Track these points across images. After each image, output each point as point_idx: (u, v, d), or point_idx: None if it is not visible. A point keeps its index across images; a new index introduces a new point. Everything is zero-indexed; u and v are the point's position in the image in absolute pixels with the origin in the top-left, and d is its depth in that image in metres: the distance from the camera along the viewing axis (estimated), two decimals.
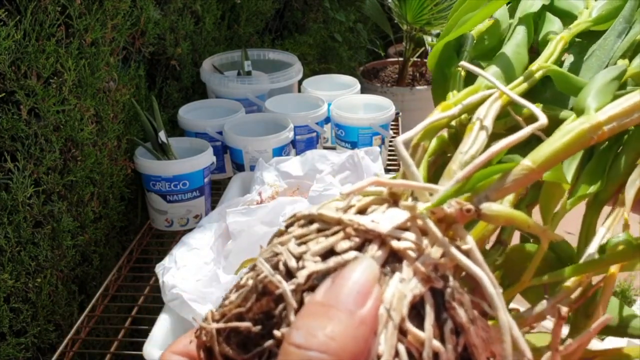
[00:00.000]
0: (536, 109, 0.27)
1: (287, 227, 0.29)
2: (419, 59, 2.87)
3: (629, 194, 0.30)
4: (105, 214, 1.22)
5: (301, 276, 0.25)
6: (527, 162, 0.26)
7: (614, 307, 0.32)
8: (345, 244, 0.26)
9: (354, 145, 1.40)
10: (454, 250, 0.25)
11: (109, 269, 1.16)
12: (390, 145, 1.49)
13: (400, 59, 2.88)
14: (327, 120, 1.46)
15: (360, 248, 0.26)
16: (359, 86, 1.59)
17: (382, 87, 2.70)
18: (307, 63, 2.10)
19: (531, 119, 0.28)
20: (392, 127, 1.50)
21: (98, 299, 1.07)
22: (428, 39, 2.61)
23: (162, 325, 0.89)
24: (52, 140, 1.02)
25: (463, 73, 0.36)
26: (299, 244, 0.27)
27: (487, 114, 0.29)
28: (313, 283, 0.25)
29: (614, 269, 0.29)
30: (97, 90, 1.13)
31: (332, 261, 0.26)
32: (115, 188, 1.23)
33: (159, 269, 0.96)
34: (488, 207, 0.26)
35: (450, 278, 0.25)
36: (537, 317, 0.29)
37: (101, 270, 1.20)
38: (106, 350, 0.98)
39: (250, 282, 0.27)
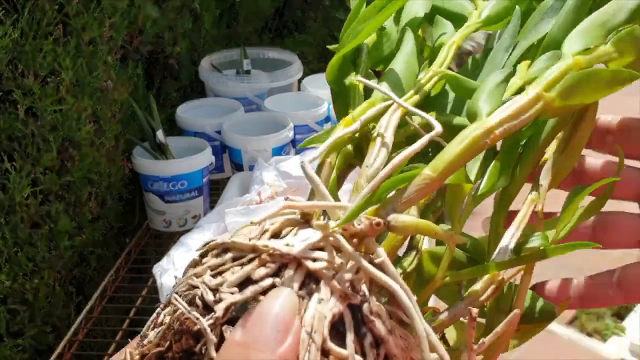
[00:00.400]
0: (430, 117, 0.29)
1: (202, 256, 0.29)
2: None
3: (544, 184, 0.32)
4: (103, 214, 1.21)
5: (219, 309, 0.25)
6: (428, 171, 0.28)
7: (527, 298, 0.33)
8: (262, 271, 0.26)
9: None
10: (366, 264, 0.26)
11: (107, 270, 1.16)
12: None
13: None
14: (327, 119, 1.45)
15: (277, 273, 0.26)
16: None
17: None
18: (307, 62, 2.09)
19: (429, 127, 0.29)
20: None
21: (96, 300, 1.07)
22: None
23: None
24: (50, 140, 1.01)
25: (361, 85, 0.36)
26: (215, 275, 0.27)
27: (388, 126, 0.31)
28: (232, 315, 0.25)
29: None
30: (95, 90, 1.12)
31: (250, 290, 0.25)
32: (113, 188, 1.22)
33: (156, 270, 0.95)
34: (395, 218, 0.27)
35: (366, 292, 0.26)
36: (452, 318, 0.30)
37: (99, 271, 1.20)
38: (104, 352, 0.98)
39: (168, 319, 0.26)
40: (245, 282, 0.26)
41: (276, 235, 0.28)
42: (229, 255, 0.27)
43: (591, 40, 0.30)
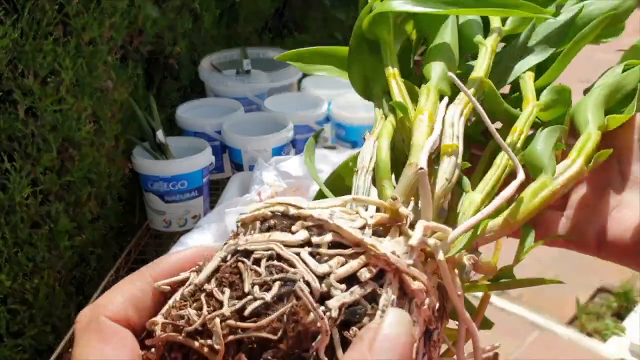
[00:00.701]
0: (516, 161, 0.31)
1: (284, 217, 0.27)
2: (420, 58, 2.86)
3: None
4: (103, 214, 1.21)
5: (334, 308, 0.24)
6: (505, 218, 0.31)
7: None
8: (367, 274, 0.25)
9: (354, 145, 1.39)
10: (456, 299, 0.27)
11: (107, 270, 1.16)
12: None
13: None
14: (327, 119, 1.45)
15: (377, 279, 0.25)
16: None
17: None
18: None
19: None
20: None
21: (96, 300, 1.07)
22: None
23: None
24: (50, 140, 1.01)
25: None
26: (315, 257, 0.25)
27: (457, 134, 0.33)
28: (344, 317, 0.24)
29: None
30: (95, 90, 1.12)
31: (357, 292, 0.25)
32: (112, 188, 1.22)
33: None
34: (482, 259, 0.30)
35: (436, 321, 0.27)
36: None
37: (99, 271, 1.20)
38: None
39: (273, 293, 0.24)
40: (350, 280, 0.25)
41: (375, 233, 0.27)
42: (326, 237, 0.26)
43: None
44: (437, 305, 0.27)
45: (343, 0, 2.50)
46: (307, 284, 0.24)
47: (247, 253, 0.26)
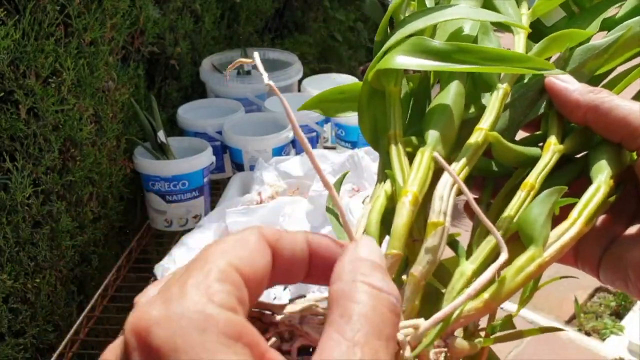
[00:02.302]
0: (502, 242, 0.29)
1: (258, 321, 0.28)
2: None
3: None
4: (104, 214, 1.21)
5: None
6: (487, 296, 0.30)
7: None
8: None
9: (354, 145, 1.39)
10: None
11: (108, 269, 1.16)
12: None
13: None
14: (327, 120, 1.45)
15: None
16: None
17: None
18: (307, 62, 2.10)
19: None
20: None
21: (97, 299, 1.07)
22: None
23: None
24: (51, 140, 1.02)
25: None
26: None
27: (446, 209, 0.31)
28: None
29: None
30: (96, 90, 1.13)
31: None
32: (114, 188, 1.23)
33: (158, 269, 0.95)
34: (459, 343, 0.29)
35: None
36: None
37: (100, 270, 1.20)
38: None
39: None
40: None
41: None
42: (295, 344, 0.27)
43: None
44: None
45: (343, 1, 2.50)
46: None
47: None
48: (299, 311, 0.28)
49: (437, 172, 0.33)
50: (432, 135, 0.35)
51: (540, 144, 0.36)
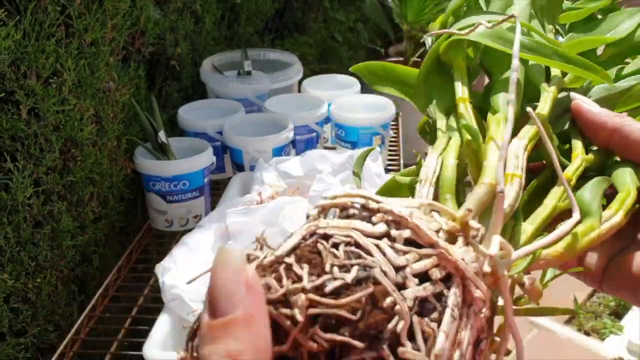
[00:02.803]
0: (575, 203, 0.33)
1: (364, 208, 0.28)
2: (419, 59, 2.86)
3: None
4: (105, 214, 1.22)
5: (409, 297, 0.25)
6: (560, 249, 0.33)
7: None
8: (437, 274, 0.26)
9: (354, 145, 1.40)
10: (511, 312, 0.29)
11: (109, 269, 1.16)
12: (390, 145, 1.49)
13: (401, 58, 2.87)
14: (327, 120, 1.46)
15: (446, 280, 0.27)
16: (359, 86, 1.59)
17: None
18: (307, 63, 2.10)
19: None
20: (392, 127, 1.50)
21: (98, 299, 1.07)
22: (428, 40, 2.61)
23: (162, 325, 0.89)
24: (52, 140, 1.02)
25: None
26: (394, 249, 0.27)
27: (522, 165, 0.35)
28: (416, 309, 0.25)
29: None
30: (97, 90, 1.13)
31: (429, 289, 0.26)
32: (115, 188, 1.23)
33: (158, 269, 0.96)
34: (537, 283, 0.32)
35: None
36: None
37: (101, 270, 1.20)
38: (106, 350, 0.98)
39: (352, 275, 0.25)
40: (423, 277, 0.26)
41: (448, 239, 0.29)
42: (404, 233, 0.27)
43: None
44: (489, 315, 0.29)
45: (343, 1, 2.50)
46: (384, 273, 0.25)
47: (327, 236, 0.27)
48: (406, 205, 0.29)
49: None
50: (504, 101, 0.38)
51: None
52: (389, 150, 1.48)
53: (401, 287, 0.25)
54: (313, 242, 0.27)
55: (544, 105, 0.39)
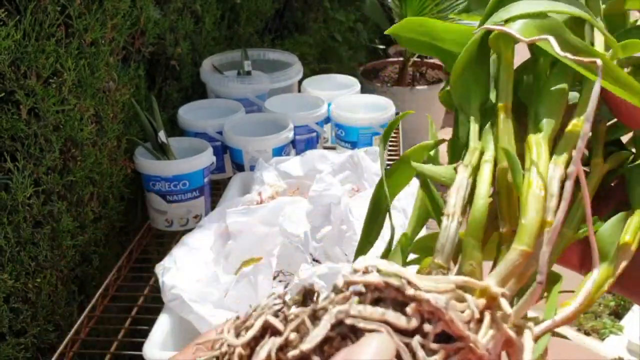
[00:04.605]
0: (597, 256, 0.30)
1: (398, 292, 0.27)
2: (419, 59, 2.87)
3: None
4: (105, 214, 1.22)
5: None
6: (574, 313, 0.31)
7: None
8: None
9: (354, 145, 1.40)
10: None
11: (109, 269, 1.16)
12: (390, 145, 1.49)
13: (401, 58, 2.88)
14: (327, 120, 1.46)
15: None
16: (359, 86, 1.59)
17: (382, 87, 2.69)
18: (307, 63, 2.10)
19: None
20: None
21: (98, 299, 1.07)
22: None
23: (162, 325, 0.89)
24: (52, 140, 1.02)
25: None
26: (424, 348, 0.26)
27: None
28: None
29: None
30: (97, 90, 1.13)
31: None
32: (115, 188, 1.23)
33: (158, 269, 0.96)
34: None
35: None
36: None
37: (101, 270, 1.20)
38: (106, 350, 0.98)
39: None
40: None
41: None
42: (438, 328, 0.26)
43: None
44: None
45: (343, 1, 2.51)
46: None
47: (355, 331, 0.26)
48: (443, 291, 0.27)
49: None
50: (547, 123, 0.34)
51: None
52: (389, 150, 1.49)
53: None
54: (342, 337, 0.26)
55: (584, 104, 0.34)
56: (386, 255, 0.36)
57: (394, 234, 0.38)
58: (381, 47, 3.04)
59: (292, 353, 0.25)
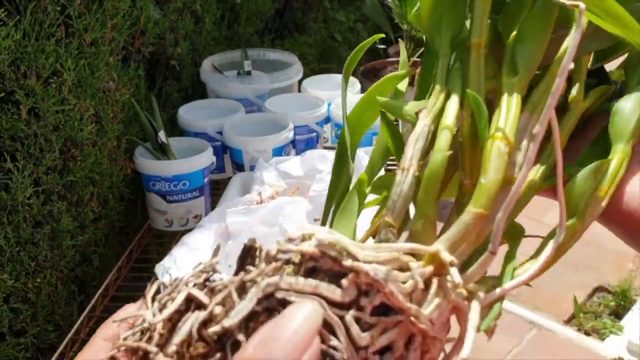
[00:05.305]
0: (564, 220, 0.28)
1: (335, 262, 0.26)
2: (419, 59, 2.87)
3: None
4: (105, 214, 1.22)
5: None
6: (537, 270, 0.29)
7: None
8: (401, 342, 0.25)
9: None
10: (471, 341, 0.26)
11: (109, 269, 1.16)
12: None
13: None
14: (327, 120, 1.46)
15: (407, 342, 0.25)
16: (359, 86, 1.59)
17: None
18: (307, 63, 2.10)
19: None
20: None
21: (98, 299, 1.07)
22: None
23: None
24: (52, 140, 1.02)
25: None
26: (360, 322, 0.25)
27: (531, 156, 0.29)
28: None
29: None
30: (97, 90, 1.13)
31: None
32: (114, 188, 1.23)
33: (158, 269, 0.96)
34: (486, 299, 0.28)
35: None
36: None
37: (101, 270, 1.20)
38: None
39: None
40: (384, 348, 0.25)
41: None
42: (375, 301, 0.25)
43: None
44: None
45: (343, 1, 2.51)
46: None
47: (285, 304, 0.24)
48: (383, 260, 0.25)
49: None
50: (524, 68, 0.30)
51: None
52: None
53: None
54: (269, 311, 0.24)
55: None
56: (342, 197, 0.33)
57: (351, 175, 0.34)
58: (381, 47, 3.04)
59: (214, 329, 0.23)
